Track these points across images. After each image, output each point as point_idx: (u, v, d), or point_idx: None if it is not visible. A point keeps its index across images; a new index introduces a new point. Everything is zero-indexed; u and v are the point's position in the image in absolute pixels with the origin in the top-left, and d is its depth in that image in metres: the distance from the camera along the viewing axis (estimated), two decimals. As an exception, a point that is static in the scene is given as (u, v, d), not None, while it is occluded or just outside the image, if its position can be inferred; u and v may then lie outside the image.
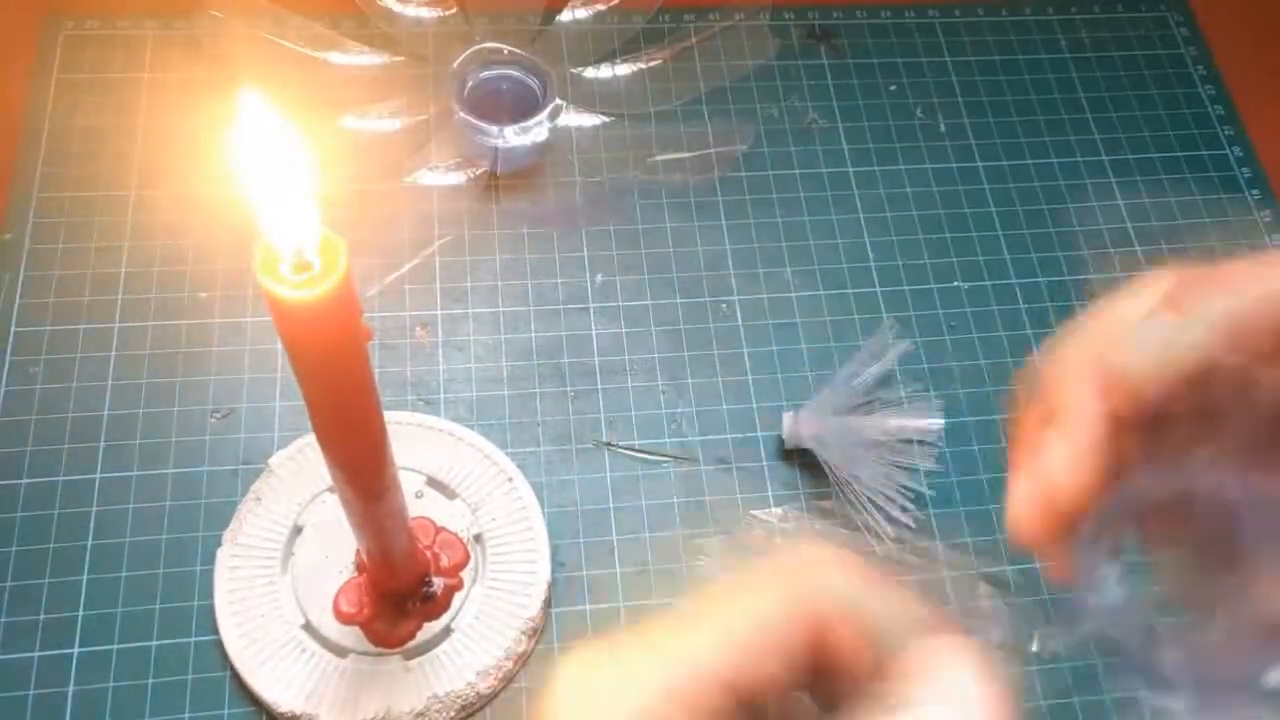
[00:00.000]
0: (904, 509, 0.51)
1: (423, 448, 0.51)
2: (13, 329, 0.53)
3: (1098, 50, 0.69)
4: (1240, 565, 0.24)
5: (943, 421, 0.52)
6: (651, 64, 0.64)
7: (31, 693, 0.45)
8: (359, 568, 0.47)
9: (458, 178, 0.59)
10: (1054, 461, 0.25)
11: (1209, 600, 0.24)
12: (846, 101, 0.65)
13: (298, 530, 0.48)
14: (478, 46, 0.60)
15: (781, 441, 0.53)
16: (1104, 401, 0.25)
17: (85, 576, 0.48)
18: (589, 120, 0.62)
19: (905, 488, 0.51)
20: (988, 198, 0.62)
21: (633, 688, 0.19)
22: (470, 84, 0.60)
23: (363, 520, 0.40)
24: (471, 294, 0.57)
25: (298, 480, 0.49)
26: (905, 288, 0.59)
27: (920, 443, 0.52)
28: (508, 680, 0.47)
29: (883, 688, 0.19)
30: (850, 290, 0.59)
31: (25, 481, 0.50)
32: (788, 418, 0.52)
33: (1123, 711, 0.48)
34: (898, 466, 0.52)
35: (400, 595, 0.46)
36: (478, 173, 0.59)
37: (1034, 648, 0.48)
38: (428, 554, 0.47)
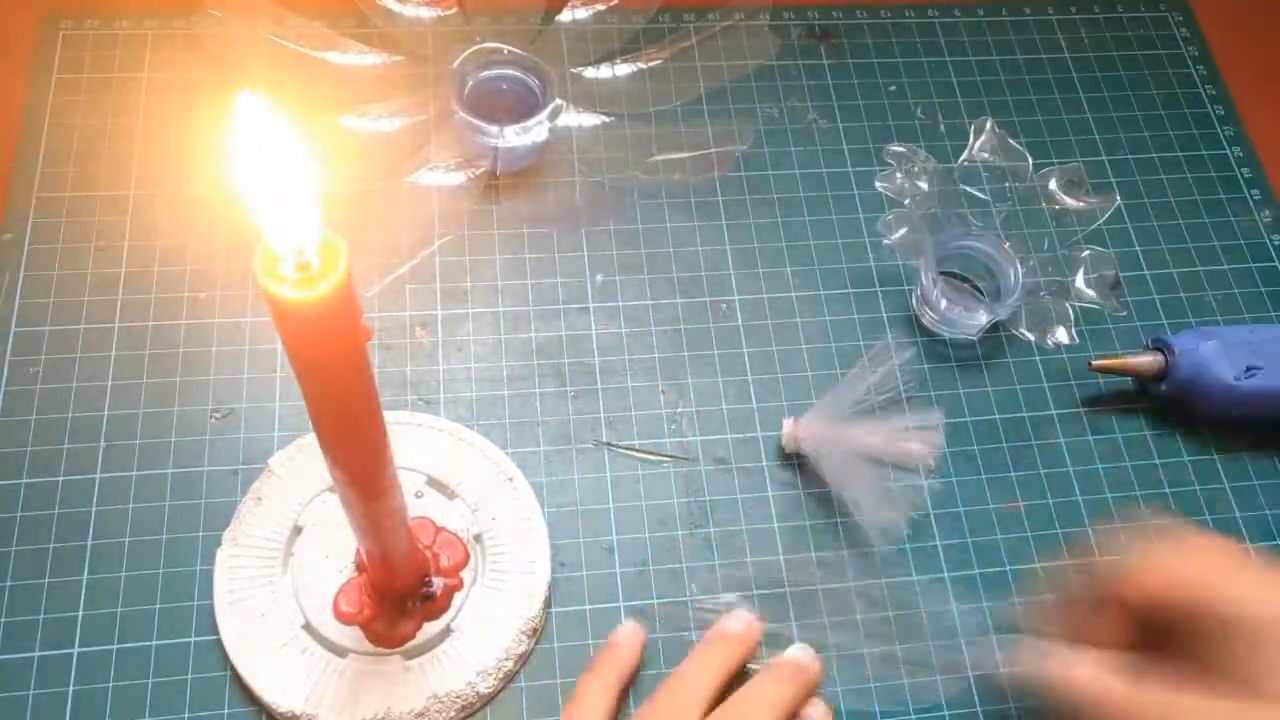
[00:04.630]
0: (900, 517, 0.51)
1: (423, 448, 0.51)
2: (13, 329, 0.53)
3: (1098, 50, 0.69)
4: None
5: (943, 424, 0.51)
6: (651, 64, 0.64)
7: (31, 693, 0.45)
8: (359, 568, 0.47)
9: (458, 178, 0.59)
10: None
11: None
12: (846, 101, 0.65)
13: (298, 530, 0.48)
14: (478, 46, 0.60)
15: (781, 442, 0.53)
16: None
17: (85, 576, 0.48)
18: (589, 120, 0.62)
19: (903, 496, 0.51)
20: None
21: None
22: (470, 84, 0.60)
23: (363, 520, 0.40)
24: (471, 294, 0.57)
25: (298, 480, 0.49)
26: (905, 288, 0.59)
27: (920, 450, 0.51)
28: (508, 680, 0.47)
29: None
30: (850, 290, 0.59)
31: (25, 481, 0.50)
32: (787, 424, 0.52)
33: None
34: (896, 474, 0.51)
35: (400, 595, 0.46)
36: (478, 173, 0.59)
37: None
38: (428, 554, 0.47)
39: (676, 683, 0.44)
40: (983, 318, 0.56)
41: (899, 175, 0.56)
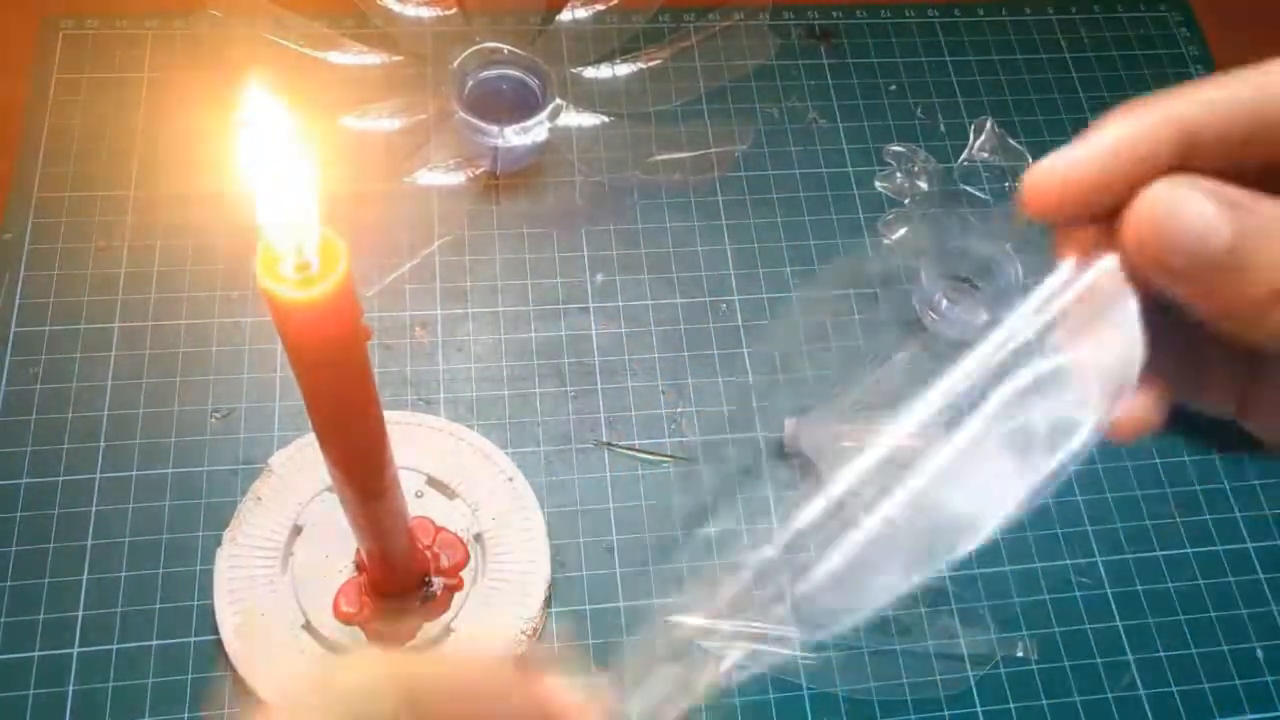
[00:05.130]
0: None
1: (423, 448, 0.51)
2: (13, 329, 0.53)
3: (1098, 50, 0.69)
4: None
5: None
6: (651, 64, 0.64)
7: (31, 693, 0.45)
8: (359, 567, 0.47)
9: (458, 178, 0.59)
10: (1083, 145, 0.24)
11: None
12: (846, 101, 0.65)
13: (297, 530, 0.48)
14: (478, 46, 0.60)
15: (782, 442, 0.53)
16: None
17: (85, 576, 0.48)
18: (589, 120, 0.62)
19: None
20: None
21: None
22: (470, 84, 0.60)
23: (362, 520, 0.40)
24: (471, 294, 0.57)
25: (298, 480, 0.49)
26: (905, 288, 0.59)
27: (921, 451, 0.52)
28: (508, 680, 0.47)
29: None
30: (850, 290, 0.59)
31: (25, 481, 0.50)
32: (789, 424, 0.52)
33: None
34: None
35: (400, 595, 0.46)
36: (478, 173, 0.59)
37: (1019, 653, 0.48)
38: (427, 554, 0.47)
39: None
40: (983, 318, 0.56)
41: (899, 175, 0.56)
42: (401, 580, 0.46)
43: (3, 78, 0.61)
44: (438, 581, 0.47)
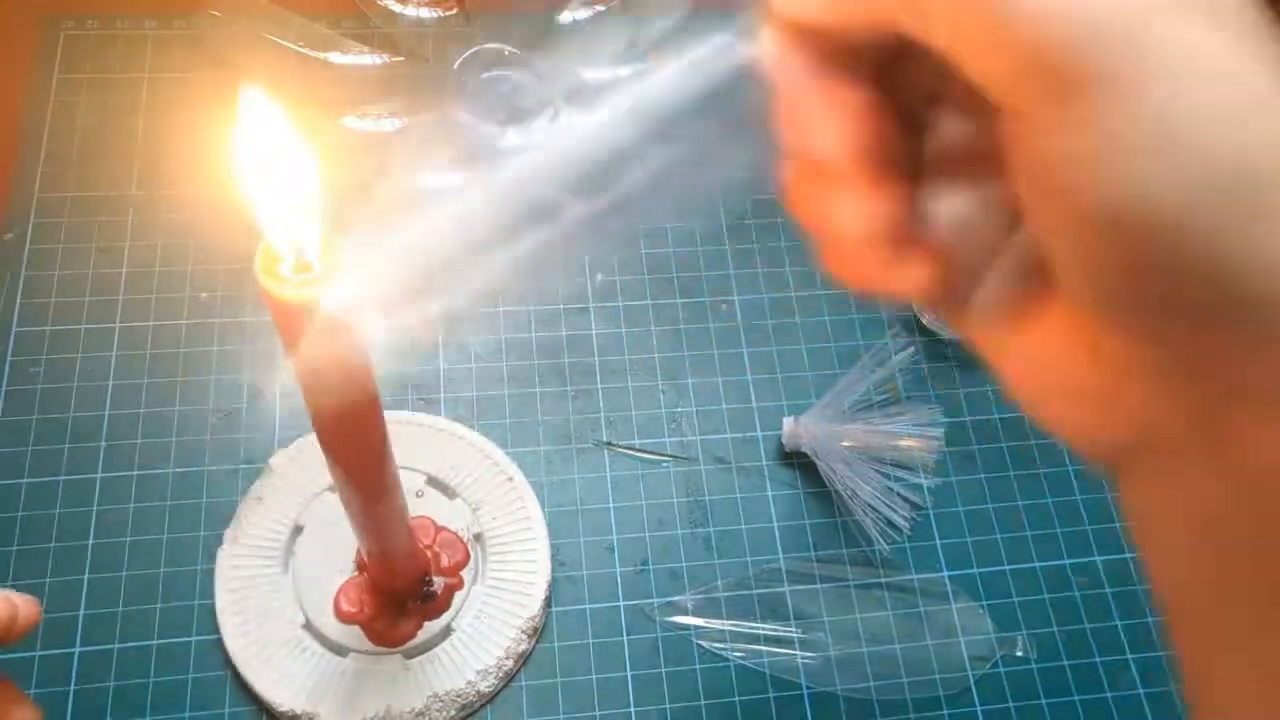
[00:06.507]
0: (900, 517, 0.51)
1: (423, 448, 0.51)
2: (13, 329, 0.53)
3: (1097, 50, 0.69)
4: None
5: (943, 430, 0.51)
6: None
7: (32, 693, 0.45)
8: (359, 567, 0.47)
9: (458, 178, 0.59)
10: None
11: None
12: (846, 101, 0.65)
13: (298, 529, 0.48)
14: (478, 47, 0.60)
15: (781, 442, 0.53)
16: None
17: (86, 576, 0.48)
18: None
19: (903, 496, 0.51)
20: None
21: None
22: (471, 85, 0.60)
23: (363, 520, 0.40)
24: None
25: (298, 480, 0.49)
26: (905, 288, 0.59)
27: (920, 450, 0.52)
28: (508, 680, 0.47)
29: None
30: (850, 290, 0.59)
31: (26, 481, 0.50)
32: (788, 423, 0.52)
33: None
34: (896, 474, 0.51)
35: (400, 595, 0.46)
36: (478, 173, 0.59)
37: (1019, 651, 0.48)
38: (428, 553, 0.47)
39: None
40: None
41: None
42: (402, 580, 0.46)
43: (4, 78, 0.61)
44: (438, 581, 0.47)
